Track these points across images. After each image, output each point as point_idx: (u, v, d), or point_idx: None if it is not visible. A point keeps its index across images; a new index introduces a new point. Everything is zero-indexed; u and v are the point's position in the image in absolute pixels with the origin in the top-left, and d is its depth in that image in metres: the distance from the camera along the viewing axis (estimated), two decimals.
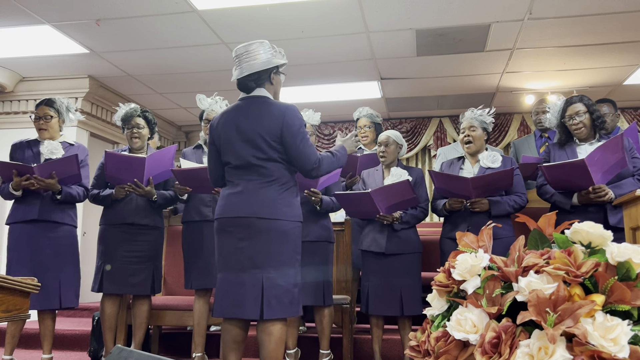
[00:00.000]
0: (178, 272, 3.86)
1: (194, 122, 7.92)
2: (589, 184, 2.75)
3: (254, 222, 2.29)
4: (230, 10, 4.42)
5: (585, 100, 2.98)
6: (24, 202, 3.14)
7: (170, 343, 3.87)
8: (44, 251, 3.10)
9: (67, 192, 3.17)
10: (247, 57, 2.38)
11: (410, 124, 7.68)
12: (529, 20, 4.63)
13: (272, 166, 2.35)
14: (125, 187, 3.16)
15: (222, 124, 2.43)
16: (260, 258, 2.28)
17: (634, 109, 7.06)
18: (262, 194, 2.32)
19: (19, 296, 1.73)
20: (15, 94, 6.04)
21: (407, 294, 3.07)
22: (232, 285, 2.29)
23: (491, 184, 2.94)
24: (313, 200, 3.04)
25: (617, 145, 2.70)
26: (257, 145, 2.34)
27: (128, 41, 5.04)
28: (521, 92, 6.52)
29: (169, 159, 3.26)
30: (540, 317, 1.25)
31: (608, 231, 1.42)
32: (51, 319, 3.15)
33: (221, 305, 2.31)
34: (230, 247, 2.32)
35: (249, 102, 2.42)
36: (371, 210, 3.07)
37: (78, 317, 5.18)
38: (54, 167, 3.09)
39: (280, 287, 2.28)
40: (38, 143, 3.28)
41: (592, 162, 2.68)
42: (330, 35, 4.92)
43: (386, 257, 3.11)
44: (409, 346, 1.59)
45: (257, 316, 2.24)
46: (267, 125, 2.34)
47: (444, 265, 1.60)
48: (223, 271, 2.34)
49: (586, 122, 2.94)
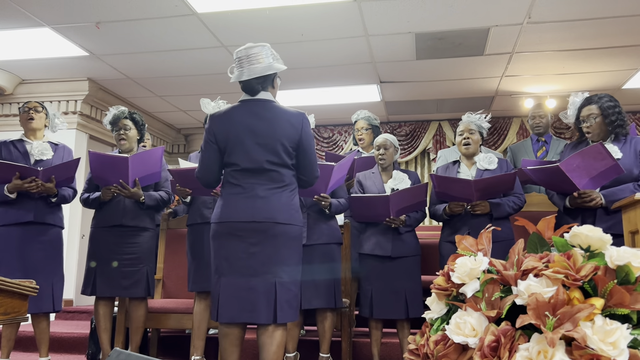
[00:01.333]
0: (177, 275, 3.85)
1: (194, 125, 7.92)
2: (573, 189, 2.75)
3: (271, 226, 2.28)
4: (229, 14, 4.43)
5: (603, 102, 2.87)
6: (17, 205, 3.11)
7: (169, 346, 3.86)
8: (35, 254, 3.09)
9: (62, 195, 3.21)
10: (251, 59, 2.37)
11: (410, 128, 7.69)
12: (528, 24, 4.64)
13: (284, 171, 2.36)
14: (111, 188, 3.16)
15: (231, 123, 2.39)
16: (273, 263, 2.27)
17: (632, 113, 7.07)
18: (277, 199, 2.32)
19: (17, 299, 1.72)
20: (15, 97, 6.04)
21: (411, 296, 3.09)
22: (241, 290, 2.26)
23: (493, 186, 2.95)
24: (323, 205, 3.05)
25: (599, 154, 2.66)
26: (274, 150, 2.33)
27: (128, 44, 5.04)
28: (520, 95, 6.53)
29: (156, 160, 3.24)
30: (539, 321, 1.25)
31: (607, 235, 1.42)
32: (46, 321, 3.14)
33: (229, 310, 2.27)
34: (238, 252, 2.29)
35: (258, 104, 2.40)
36: (382, 214, 3.09)
37: (77, 320, 5.17)
38: (57, 171, 3.10)
39: (291, 292, 2.30)
40: (23, 142, 3.27)
41: (571, 168, 2.68)
42: (330, 38, 4.93)
43: (391, 260, 3.12)
44: (408, 350, 1.59)
45: (270, 320, 2.24)
46: (287, 132, 2.35)
47: (443, 269, 1.60)
48: (228, 276, 2.30)
49: (595, 127, 2.87)
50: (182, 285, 3.77)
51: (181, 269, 3.78)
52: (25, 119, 3.28)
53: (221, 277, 2.32)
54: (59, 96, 6.04)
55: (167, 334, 3.97)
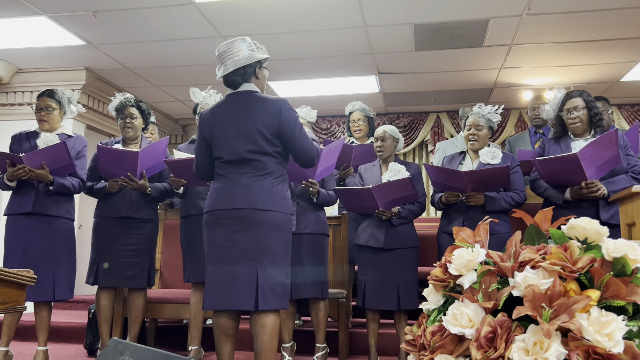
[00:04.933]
0: (174, 266, 3.86)
1: (191, 116, 7.87)
2: (581, 179, 2.75)
3: (250, 213, 2.29)
4: (227, 3, 4.40)
5: (585, 95, 2.97)
6: (20, 194, 3.13)
7: (166, 336, 3.88)
8: (38, 244, 3.09)
9: (60, 183, 3.12)
10: (229, 54, 2.41)
11: (408, 119, 7.68)
12: (528, 16, 4.62)
13: (266, 160, 2.36)
14: (118, 180, 3.16)
15: (215, 118, 2.43)
16: (255, 250, 2.28)
17: (630, 105, 7.07)
18: (257, 186, 2.32)
19: (15, 288, 1.73)
20: (12, 86, 6.01)
21: (404, 288, 3.09)
22: (224, 278, 2.29)
23: (486, 179, 2.95)
24: (311, 191, 3.04)
25: (610, 141, 2.69)
26: (253, 139, 2.34)
27: (125, 33, 5.01)
28: (519, 87, 6.52)
29: (161, 150, 3.25)
30: (535, 312, 1.26)
31: (604, 227, 1.43)
32: (47, 311, 3.14)
33: (213, 297, 2.30)
34: (222, 240, 2.32)
35: (240, 96, 2.43)
36: (371, 206, 3.08)
37: (74, 310, 5.18)
38: (42, 155, 3.03)
39: (274, 279, 2.29)
40: (37, 135, 3.26)
41: (585, 156, 2.68)
42: (329, 29, 4.90)
43: (384, 252, 3.12)
44: (405, 340, 1.60)
45: (251, 307, 2.24)
46: (264, 120, 2.35)
47: (441, 260, 1.60)
48: (214, 264, 2.33)
49: (583, 118, 2.94)
50: (179, 276, 3.78)
51: (179, 260, 3.78)
52: (38, 119, 3.26)
53: (208, 266, 2.36)
54: (56, 85, 5.94)
55: (164, 324, 3.98)
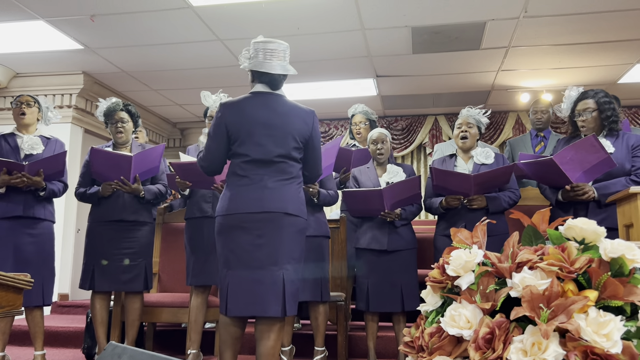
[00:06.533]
0: (173, 269, 3.85)
1: (189, 119, 7.89)
2: (566, 182, 2.77)
3: (280, 217, 2.27)
4: (225, 7, 4.41)
5: (600, 96, 2.89)
6: (6, 199, 3.12)
7: (165, 340, 3.87)
8: (25, 248, 3.09)
9: (50, 189, 3.18)
10: (284, 55, 2.41)
11: (406, 122, 7.69)
12: (525, 19, 4.64)
13: (292, 164, 2.37)
14: (112, 184, 3.16)
15: (243, 113, 2.36)
16: (279, 255, 2.26)
17: (627, 107, 7.09)
18: (286, 191, 2.32)
19: (12, 292, 1.72)
20: (9, 90, 6.01)
21: (407, 289, 3.10)
22: (248, 283, 2.24)
23: (491, 180, 2.96)
24: (310, 192, 3.04)
25: (593, 146, 2.67)
26: (285, 143, 2.34)
27: (123, 37, 5.01)
28: (516, 90, 6.53)
29: (157, 156, 3.26)
30: (533, 313, 1.26)
31: (601, 227, 1.42)
32: (40, 315, 3.14)
33: (237, 303, 2.24)
34: (245, 244, 2.26)
35: (271, 98, 2.40)
36: (377, 208, 3.09)
37: (72, 315, 5.16)
38: (43, 165, 3.08)
39: (295, 284, 2.30)
40: (15, 136, 3.25)
41: (564, 160, 2.69)
42: (326, 32, 4.91)
43: (387, 254, 3.13)
44: (403, 342, 1.59)
45: (279, 313, 2.23)
46: (298, 127, 2.37)
47: (438, 262, 1.60)
48: (235, 269, 2.27)
49: (591, 121, 2.88)
50: (177, 279, 3.77)
51: (177, 263, 3.78)
52: (17, 113, 3.26)
53: (229, 271, 2.29)
54: (53, 90, 6.01)
55: (162, 328, 3.97)
